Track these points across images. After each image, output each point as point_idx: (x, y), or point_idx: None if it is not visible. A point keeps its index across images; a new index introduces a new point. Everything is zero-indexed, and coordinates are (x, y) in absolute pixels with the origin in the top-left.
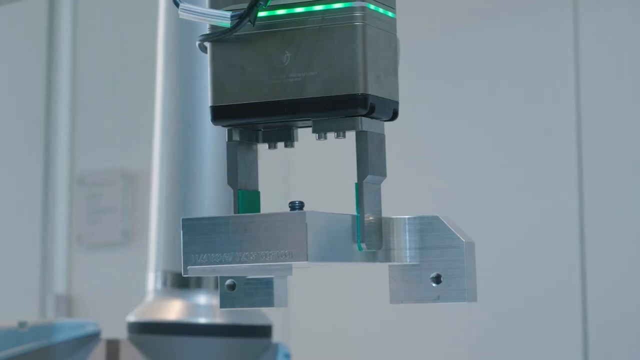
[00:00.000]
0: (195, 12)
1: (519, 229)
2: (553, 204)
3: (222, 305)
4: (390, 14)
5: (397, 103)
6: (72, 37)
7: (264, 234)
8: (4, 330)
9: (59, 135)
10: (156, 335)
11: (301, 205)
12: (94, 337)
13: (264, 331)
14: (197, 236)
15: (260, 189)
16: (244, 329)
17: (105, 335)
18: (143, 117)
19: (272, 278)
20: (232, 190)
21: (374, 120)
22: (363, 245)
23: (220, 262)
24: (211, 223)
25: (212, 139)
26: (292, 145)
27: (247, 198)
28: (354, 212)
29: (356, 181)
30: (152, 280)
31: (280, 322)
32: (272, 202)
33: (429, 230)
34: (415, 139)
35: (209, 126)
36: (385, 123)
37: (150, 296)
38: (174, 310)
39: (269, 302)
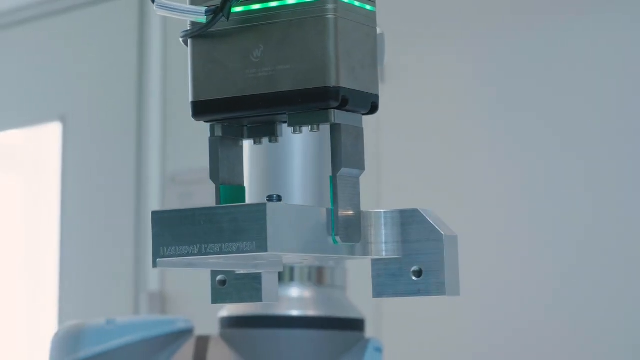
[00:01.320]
0: (171, 8)
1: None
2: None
3: (214, 300)
4: (368, 7)
5: (376, 96)
6: (162, 36)
7: (227, 225)
8: (93, 328)
9: (151, 134)
10: (247, 329)
11: (278, 198)
12: (184, 333)
13: (356, 325)
14: (165, 229)
15: None
16: (337, 322)
17: (198, 332)
18: None
19: (261, 273)
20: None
21: (350, 113)
22: (338, 239)
23: (187, 255)
24: (179, 215)
25: (300, 141)
26: (276, 141)
27: (229, 193)
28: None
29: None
30: None
31: (372, 317)
32: None
33: (410, 223)
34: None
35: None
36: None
37: None
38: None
39: (257, 297)
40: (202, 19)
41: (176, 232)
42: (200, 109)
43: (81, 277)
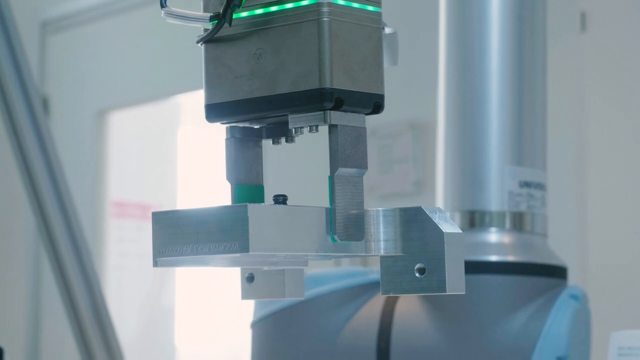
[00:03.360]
0: (178, 15)
1: None
2: None
3: (243, 296)
4: (370, 8)
5: (380, 96)
6: None
7: (215, 226)
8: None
9: None
10: None
11: (284, 199)
12: (377, 284)
13: (556, 272)
14: (164, 229)
15: None
16: (536, 268)
17: None
18: (431, 67)
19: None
20: None
21: (349, 113)
22: (336, 237)
23: (182, 254)
24: (176, 216)
25: (498, 89)
26: (292, 140)
27: (246, 193)
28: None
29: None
30: None
31: (576, 267)
32: None
33: (413, 221)
34: None
35: (495, 76)
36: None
37: None
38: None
39: (281, 293)
40: (208, 26)
41: (173, 232)
42: (212, 112)
43: None
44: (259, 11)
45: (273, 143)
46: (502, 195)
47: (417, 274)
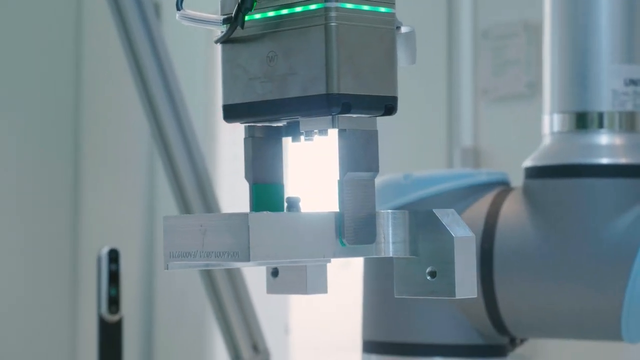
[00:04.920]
0: (193, 18)
1: None
2: None
3: (268, 290)
4: (383, 9)
5: (392, 98)
6: None
7: (218, 234)
8: (391, 183)
9: None
10: (548, 179)
11: (295, 203)
12: (486, 186)
13: None
14: (174, 234)
15: None
16: None
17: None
18: None
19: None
20: None
21: (359, 116)
22: (345, 241)
23: (190, 259)
24: (184, 223)
25: None
26: (311, 139)
27: (264, 192)
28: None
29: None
30: (548, 124)
31: None
32: None
33: (425, 224)
34: None
35: None
36: None
37: (547, 139)
38: (572, 151)
39: (303, 289)
40: (222, 28)
41: (182, 237)
42: (229, 113)
43: (394, 132)
44: (271, 14)
45: (292, 141)
46: (608, 95)
47: (428, 277)
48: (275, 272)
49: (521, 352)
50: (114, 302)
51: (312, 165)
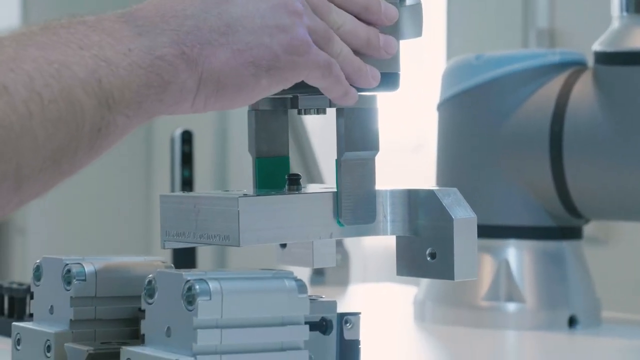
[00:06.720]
0: None
1: None
2: None
3: (278, 261)
4: None
5: (393, 74)
6: None
7: (210, 216)
8: (462, 64)
9: None
10: (618, 67)
11: (297, 178)
12: (560, 66)
13: None
14: (170, 213)
15: None
16: None
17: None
18: None
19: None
20: None
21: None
22: (342, 221)
23: (184, 240)
24: (178, 202)
25: None
26: (324, 112)
27: (268, 165)
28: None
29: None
30: (618, 5)
31: None
32: None
33: (425, 204)
34: None
35: None
36: None
37: (616, 23)
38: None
39: (309, 262)
40: None
41: (177, 217)
42: None
43: (469, 14)
44: None
45: (298, 113)
46: None
47: (428, 258)
48: (283, 244)
49: (596, 236)
50: (187, 184)
51: None
